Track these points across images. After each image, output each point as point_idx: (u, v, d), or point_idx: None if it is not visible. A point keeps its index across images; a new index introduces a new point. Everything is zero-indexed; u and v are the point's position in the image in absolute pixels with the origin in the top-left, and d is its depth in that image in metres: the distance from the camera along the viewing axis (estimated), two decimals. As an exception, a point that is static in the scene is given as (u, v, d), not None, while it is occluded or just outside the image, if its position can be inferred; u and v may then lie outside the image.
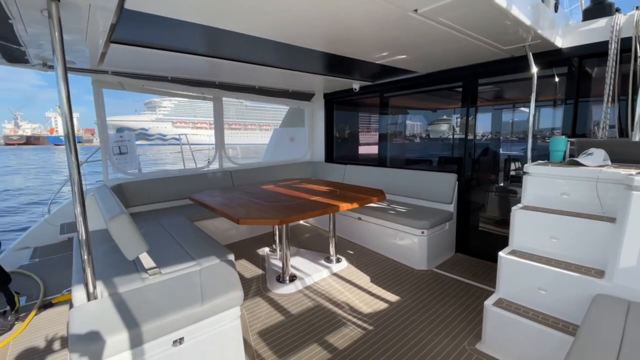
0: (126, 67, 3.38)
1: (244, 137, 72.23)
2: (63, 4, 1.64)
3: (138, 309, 1.64)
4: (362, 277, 3.12)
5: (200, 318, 1.71)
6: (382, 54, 2.95)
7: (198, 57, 2.95)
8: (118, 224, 1.86)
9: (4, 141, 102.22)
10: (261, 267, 3.37)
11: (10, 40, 2.30)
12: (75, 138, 1.67)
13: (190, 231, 2.87)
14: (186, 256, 2.28)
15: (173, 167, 4.91)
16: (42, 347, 2.16)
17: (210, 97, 4.33)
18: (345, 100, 5.27)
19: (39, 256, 3.54)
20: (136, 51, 2.69)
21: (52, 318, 2.47)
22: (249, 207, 2.70)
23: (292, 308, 2.59)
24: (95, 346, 1.41)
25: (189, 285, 1.89)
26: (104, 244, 2.48)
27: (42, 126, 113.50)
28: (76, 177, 1.65)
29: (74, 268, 2.16)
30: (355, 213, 3.89)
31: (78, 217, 1.68)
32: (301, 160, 5.68)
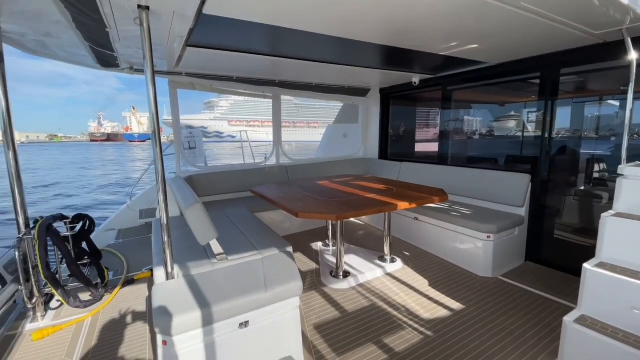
0: (197, 69, 3.66)
1: (293, 135, 74.37)
2: (152, 12, 1.82)
3: (208, 291, 1.77)
4: (419, 279, 3.00)
5: (263, 304, 1.79)
6: (448, 45, 2.77)
7: (261, 56, 3.08)
8: (194, 212, 2.03)
9: (89, 138, 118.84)
10: (315, 260, 3.43)
11: (105, 47, 2.62)
12: (160, 133, 1.84)
13: (251, 222, 3.02)
14: (249, 245, 2.40)
15: (231, 162, 5.23)
16: (125, 317, 2.45)
17: (269, 96, 4.51)
18: (403, 94, 5.09)
19: (122, 237, 4.04)
20: (207, 53, 2.89)
21: (134, 292, 2.80)
22: (305, 202, 2.75)
23: (346, 304, 2.59)
24: (174, 321, 1.55)
25: (252, 272, 1.99)
26: (177, 229, 2.72)
27: (120, 125, 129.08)
28: (160, 168, 1.83)
29: (153, 250, 2.41)
30: (412, 213, 3.75)
31: (160, 204, 1.87)
32: (354, 156, 5.64)
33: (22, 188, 2.34)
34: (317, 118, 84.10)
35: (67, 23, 2.09)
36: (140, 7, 1.73)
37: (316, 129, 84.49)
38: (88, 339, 2.18)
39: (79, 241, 2.83)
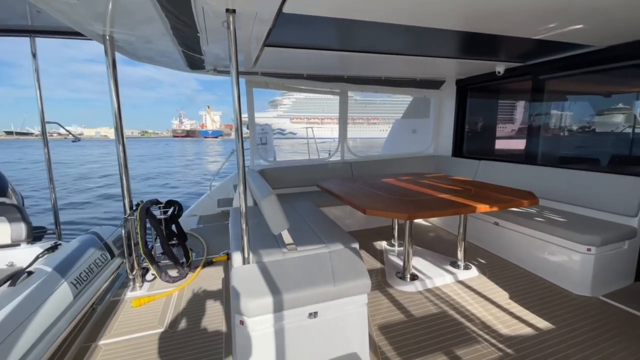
0: (271, 68, 3.85)
1: (353, 131, 73.76)
2: (237, 15, 1.95)
3: (280, 278, 1.84)
4: (497, 291, 2.71)
5: (332, 297, 1.80)
6: (545, 27, 2.41)
7: (330, 52, 3.09)
8: (268, 203, 2.14)
9: (172, 134, 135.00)
10: (379, 260, 3.35)
11: (195, 50, 2.90)
12: (242, 129, 1.97)
13: (317, 215, 3.08)
14: (316, 238, 2.45)
15: (293, 158, 5.43)
16: (205, 294, 2.71)
17: (337, 92, 4.52)
18: (483, 86, 4.62)
19: (203, 223, 4.49)
20: (282, 52, 3.01)
21: (212, 273, 3.08)
22: (373, 198, 2.69)
23: (413, 308, 2.47)
24: (251, 303, 1.65)
25: (320, 265, 2.02)
26: (252, 218, 2.91)
27: (197, 122, 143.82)
28: (241, 162, 1.96)
29: (231, 236, 2.61)
30: (491, 217, 3.40)
31: (240, 194, 2.01)
32: (424, 153, 5.33)
33: (128, 176, 2.75)
34: (377, 114, 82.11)
35: (166, 31, 2.36)
36: (228, 11, 1.86)
37: (376, 125, 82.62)
38: (175, 310, 2.47)
39: (169, 224, 3.22)
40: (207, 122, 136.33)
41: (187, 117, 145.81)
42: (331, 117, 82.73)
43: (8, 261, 2.31)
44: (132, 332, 2.22)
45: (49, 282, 1.91)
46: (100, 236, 2.68)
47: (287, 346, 1.75)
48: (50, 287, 1.89)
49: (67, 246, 2.37)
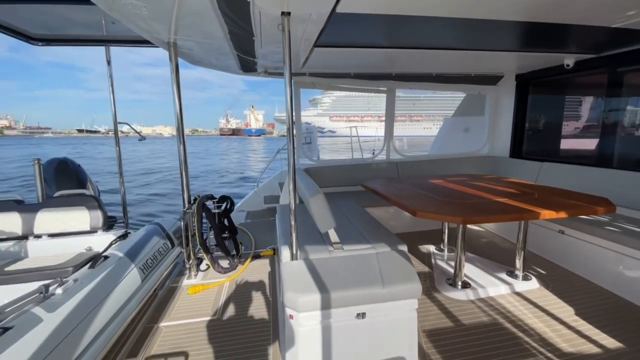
0: (318, 68, 3.88)
1: (394, 129, 71.49)
2: (292, 18, 1.99)
3: (327, 276, 1.85)
4: (560, 305, 2.46)
5: (380, 300, 1.78)
6: (626, 13, 2.13)
7: (379, 50, 3.04)
8: (316, 201, 2.17)
9: (219, 132, 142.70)
10: (426, 264, 3.23)
11: (249, 54, 3.03)
12: (293, 129, 2.02)
13: (362, 216, 3.05)
14: (362, 238, 2.43)
15: (331, 157, 5.42)
16: (253, 286, 2.83)
17: (384, 90, 4.43)
18: (548, 80, 4.21)
19: (250, 218, 4.69)
20: (331, 52, 3.02)
21: (259, 266, 3.21)
22: (422, 200, 2.59)
23: (464, 317, 2.34)
24: (301, 298, 1.69)
25: (367, 266, 2.00)
26: (297, 216, 2.98)
27: (242, 121, 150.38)
28: (291, 161, 2.01)
29: (278, 231, 2.69)
30: (555, 224, 3.10)
31: (290, 192, 2.06)
32: (477, 154, 5.01)
33: (187, 172, 2.96)
34: (421, 111, 78.88)
35: (223, 36, 2.50)
36: (283, 14, 1.91)
37: (419, 122, 79.39)
38: (226, 300, 2.62)
39: (222, 218, 3.42)
40: (251, 121, 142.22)
41: (233, 117, 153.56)
42: (372, 115, 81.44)
43: (87, 246, 2.62)
44: (188, 317, 2.40)
45: (122, 266, 2.14)
46: (162, 227, 2.93)
47: (334, 344, 1.76)
48: (122, 271, 2.11)
49: (135, 235, 2.62)
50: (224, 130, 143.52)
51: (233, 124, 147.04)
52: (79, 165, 3.19)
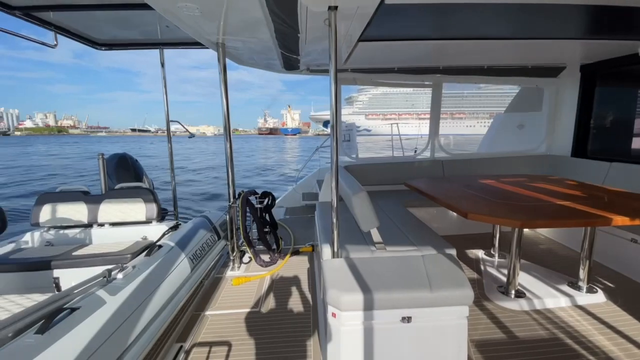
0: (361, 64, 3.80)
1: (425, 127, 67.97)
2: (339, 12, 1.95)
3: (370, 276, 1.80)
4: (632, 323, 2.18)
5: (428, 304, 1.69)
6: None
7: (425, 42, 2.90)
8: (359, 199, 2.12)
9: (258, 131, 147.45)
10: (475, 270, 3.03)
11: (293, 51, 3.04)
12: (337, 127, 1.98)
13: (405, 216, 2.94)
14: (406, 240, 2.33)
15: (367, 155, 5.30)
16: (293, 281, 2.86)
17: (429, 84, 4.23)
18: (619, 72, 3.74)
19: (289, 214, 4.76)
20: (375, 46, 2.94)
21: (298, 262, 3.23)
22: (473, 201, 2.43)
23: (517, 329, 2.16)
24: (344, 297, 1.66)
25: (413, 268, 1.91)
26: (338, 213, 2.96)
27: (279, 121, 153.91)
28: (335, 158, 1.98)
29: (318, 228, 2.69)
30: (627, 232, 2.75)
31: (333, 190, 2.03)
32: (532, 152, 4.61)
33: (233, 168, 3.06)
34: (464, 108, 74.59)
35: (269, 35, 2.53)
36: (330, 8, 1.88)
37: (462, 120, 75.10)
38: (267, 293, 2.67)
39: (264, 213, 3.50)
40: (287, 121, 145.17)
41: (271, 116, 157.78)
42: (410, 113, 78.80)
43: (142, 235, 2.82)
44: (231, 307, 2.48)
45: (174, 255, 2.26)
46: (210, 220, 3.06)
47: (377, 346, 1.71)
48: (174, 260, 2.23)
49: (185, 226, 2.77)
50: (261, 130, 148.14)
51: (270, 124, 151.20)
52: (136, 160, 3.46)
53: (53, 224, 2.75)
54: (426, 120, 4.57)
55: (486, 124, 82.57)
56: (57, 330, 1.34)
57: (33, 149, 43.97)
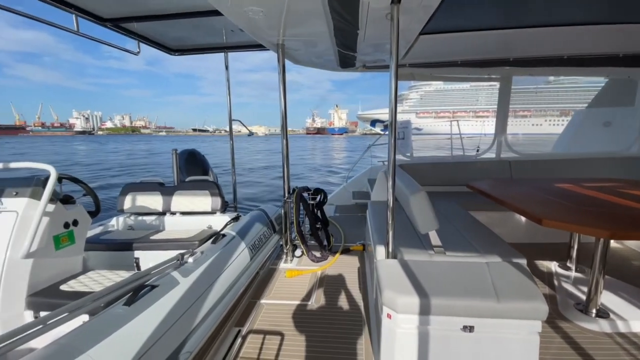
0: (420, 58, 3.64)
1: (492, 126, 62.00)
2: (401, 5, 1.89)
3: (428, 280, 1.73)
4: None
5: (493, 315, 1.57)
6: None
7: (493, 32, 2.68)
8: (418, 199, 2.04)
9: (305, 131, 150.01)
10: (547, 283, 2.74)
11: (350, 48, 3.03)
12: (395, 125, 1.93)
13: (467, 219, 2.76)
14: (468, 245, 2.19)
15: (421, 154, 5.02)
16: (343, 278, 2.86)
17: (496, 78, 3.91)
18: None
19: (339, 212, 4.77)
20: (437, 39, 2.80)
21: (348, 260, 3.23)
22: (549, 206, 2.19)
23: (597, 352, 1.90)
24: (400, 299, 1.61)
25: (476, 276, 1.79)
26: None
27: (326, 120, 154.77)
28: (392, 156, 1.93)
29: (371, 228, 2.65)
30: None
31: (389, 189, 1.98)
32: (621, 154, 4.04)
33: (288, 165, 3.15)
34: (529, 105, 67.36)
35: (328, 33, 2.55)
36: (393, 2, 1.83)
37: (527, 118, 67.82)
38: (319, 288, 2.70)
39: (315, 209, 3.55)
40: (334, 120, 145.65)
41: (319, 116, 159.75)
42: (466, 111, 73.61)
43: (208, 224, 3.05)
44: (285, 298, 2.56)
45: (235, 244, 2.41)
46: (266, 213, 3.20)
47: (434, 352, 1.63)
48: (236, 249, 2.38)
49: (245, 218, 2.93)
50: (309, 130, 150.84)
51: (318, 123, 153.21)
52: (204, 156, 3.75)
53: (134, 211, 3.11)
54: (484, 118, 4.23)
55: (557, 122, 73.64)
56: (141, 304, 1.51)
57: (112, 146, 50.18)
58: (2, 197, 1.83)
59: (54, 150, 40.35)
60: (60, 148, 44.86)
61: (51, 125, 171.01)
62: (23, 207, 1.80)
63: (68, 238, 2.02)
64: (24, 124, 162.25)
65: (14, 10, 2.26)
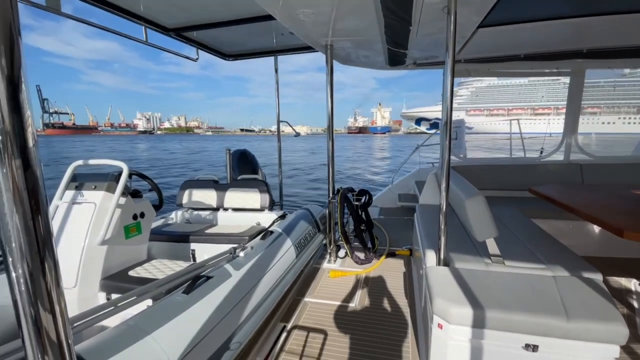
0: (477, 53, 3.41)
1: (555, 125, 55.42)
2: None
3: (484, 291, 1.61)
4: None
5: (563, 335, 1.41)
6: None
7: (563, 21, 2.42)
8: (475, 204, 1.91)
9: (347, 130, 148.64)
10: (624, 303, 2.41)
11: (401, 46, 2.94)
12: (450, 124, 1.82)
13: (529, 228, 2.53)
14: (531, 255, 2.00)
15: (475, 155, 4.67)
16: (388, 283, 2.79)
17: (566, 72, 3.52)
18: None
19: (384, 214, 4.66)
20: (497, 32, 2.60)
21: (394, 264, 3.14)
22: (632, 216, 1.92)
23: None
24: (453, 309, 1.52)
25: (541, 290, 1.63)
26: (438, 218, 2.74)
27: (368, 119, 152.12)
28: (446, 158, 1.83)
29: (420, 232, 2.54)
30: None
31: (443, 192, 1.88)
32: None
33: (333, 165, 3.15)
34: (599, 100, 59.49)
35: (378, 31, 2.50)
36: None
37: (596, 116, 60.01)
38: (362, 290, 2.67)
39: (360, 210, 3.51)
40: (377, 119, 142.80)
41: (361, 115, 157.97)
42: (523, 108, 67.38)
43: (256, 221, 3.17)
44: (329, 298, 2.57)
45: (283, 241, 2.47)
46: (311, 213, 3.24)
47: None
48: (283, 246, 2.43)
49: (291, 216, 2.99)
50: (351, 129, 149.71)
51: (360, 122, 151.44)
52: (254, 156, 3.92)
53: (191, 206, 3.33)
54: (545, 115, 3.83)
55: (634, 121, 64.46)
56: (198, 293, 1.61)
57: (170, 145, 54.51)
58: (83, 190, 2.06)
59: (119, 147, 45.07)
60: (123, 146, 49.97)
61: (118, 126, 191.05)
62: (100, 199, 2.02)
63: (136, 228, 2.22)
64: (96, 124, 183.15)
65: (97, 25, 2.54)
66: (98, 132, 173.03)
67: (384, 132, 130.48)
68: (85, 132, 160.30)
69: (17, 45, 0.43)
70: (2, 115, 0.42)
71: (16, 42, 0.43)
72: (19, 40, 0.43)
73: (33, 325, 0.47)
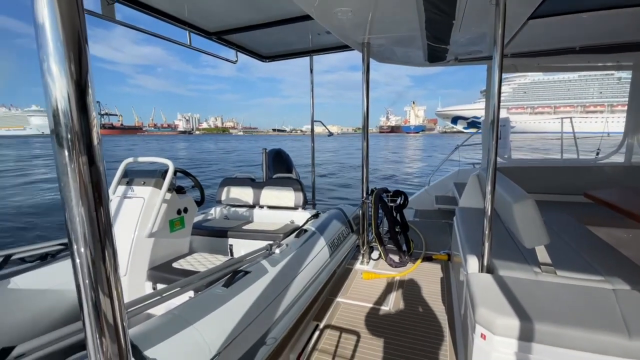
0: (525, 46, 3.18)
1: (608, 123, 49.21)
2: None
3: (532, 302, 1.51)
4: None
5: (623, 354, 1.28)
6: None
7: (625, 10, 2.18)
8: (524, 208, 1.78)
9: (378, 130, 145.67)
10: None
11: (442, 41, 2.82)
12: (498, 123, 1.73)
13: (584, 236, 2.32)
14: (586, 266, 1.83)
15: None
16: (423, 288, 2.69)
17: (628, 65, 3.19)
18: None
19: (419, 217, 4.52)
20: (550, 23, 2.42)
21: (430, 269, 3.02)
22: None
23: None
24: (498, 319, 1.44)
25: (598, 303, 1.49)
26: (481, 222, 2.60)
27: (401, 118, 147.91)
28: (492, 158, 1.73)
29: (461, 237, 2.42)
30: None
31: (488, 195, 1.78)
32: None
33: (368, 165, 3.11)
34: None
35: (418, 26, 2.42)
36: None
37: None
38: (397, 294, 2.60)
39: (395, 212, 3.43)
40: (410, 118, 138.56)
41: (393, 114, 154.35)
42: (572, 105, 61.66)
43: (290, 219, 3.21)
44: (362, 299, 2.53)
45: (316, 240, 2.48)
46: (345, 213, 3.22)
47: None
48: (317, 245, 2.44)
49: (324, 216, 3.00)
50: (383, 128, 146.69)
51: (393, 121, 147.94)
52: (288, 155, 3.98)
53: (229, 203, 3.46)
54: (597, 114, 3.48)
55: None
56: (237, 287, 1.66)
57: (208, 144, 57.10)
58: (133, 185, 2.21)
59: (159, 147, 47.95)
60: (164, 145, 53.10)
61: (161, 126, 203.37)
62: (148, 195, 2.16)
63: (180, 223, 2.35)
64: (141, 125, 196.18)
65: (148, 31, 2.71)
66: (142, 132, 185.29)
67: (418, 132, 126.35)
68: (132, 132, 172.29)
69: (85, 52, 0.46)
70: (72, 116, 0.45)
71: (84, 49, 0.46)
72: (86, 48, 0.47)
73: (93, 308, 0.51)
